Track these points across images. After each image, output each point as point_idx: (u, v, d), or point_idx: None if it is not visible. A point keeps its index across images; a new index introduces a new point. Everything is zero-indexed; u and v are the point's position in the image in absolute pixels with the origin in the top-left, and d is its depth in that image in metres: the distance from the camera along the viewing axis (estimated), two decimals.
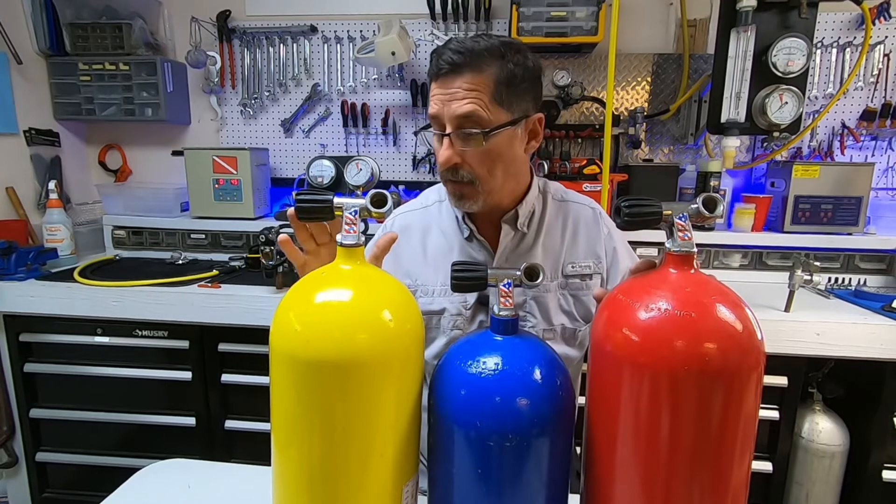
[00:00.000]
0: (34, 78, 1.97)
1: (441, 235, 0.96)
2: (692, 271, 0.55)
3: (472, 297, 0.93)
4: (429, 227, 0.98)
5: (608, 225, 0.98)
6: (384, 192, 0.60)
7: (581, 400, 0.62)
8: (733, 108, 1.58)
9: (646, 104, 2.01)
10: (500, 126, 0.81)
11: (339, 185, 1.99)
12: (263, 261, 1.55)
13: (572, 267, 0.94)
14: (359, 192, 0.70)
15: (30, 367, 1.67)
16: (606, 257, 0.96)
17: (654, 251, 1.82)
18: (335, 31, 2.07)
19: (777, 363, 1.42)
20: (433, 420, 0.60)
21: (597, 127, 1.99)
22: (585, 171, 1.84)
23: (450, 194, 0.88)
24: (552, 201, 0.97)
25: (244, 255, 1.86)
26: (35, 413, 1.70)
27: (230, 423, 1.65)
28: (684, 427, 0.50)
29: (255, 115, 2.16)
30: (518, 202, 0.92)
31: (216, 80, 2.11)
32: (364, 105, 2.09)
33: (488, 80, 0.80)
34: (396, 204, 0.94)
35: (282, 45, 2.09)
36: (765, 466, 1.50)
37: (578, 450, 0.95)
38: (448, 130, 0.81)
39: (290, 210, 0.66)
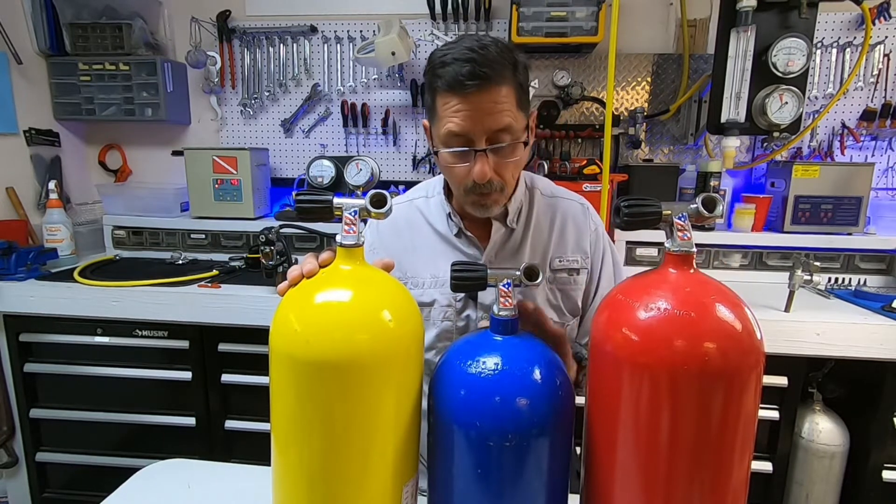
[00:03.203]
0: (34, 78, 1.97)
1: (430, 229, 0.97)
2: (692, 271, 0.55)
3: None
4: (415, 220, 0.99)
5: (595, 221, 0.99)
6: (384, 192, 0.60)
7: (581, 400, 0.62)
8: (733, 108, 1.58)
9: (646, 104, 2.01)
10: (523, 131, 0.83)
11: (339, 185, 1.99)
12: (263, 261, 1.55)
13: (560, 261, 0.95)
14: (359, 193, 0.69)
15: (30, 367, 1.67)
16: (592, 252, 0.97)
17: (654, 251, 1.82)
18: (335, 31, 2.07)
19: (777, 363, 1.42)
20: (433, 420, 0.60)
21: (597, 127, 1.99)
22: (585, 171, 1.84)
23: (473, 204, 0.87)
24: (540, 197, 0.98)
25: (244, 255, 1.86)
26: (35, 413, 1.70)
27: (230, 423, 1.65)
28: (684, 427, 0.50)
29: (255, 115, 2.16)
30: (508, 199, 0.93)
31: (216, 80, 2.11)
32: (364, 105, 2.09)
33: (511, 89, 0.79)
34: None
35: (282, 45, 2.09)
36: (765, 466, 1.50)
37: (578, 450, 0.95)
38: (481, 146, 0.80)
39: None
